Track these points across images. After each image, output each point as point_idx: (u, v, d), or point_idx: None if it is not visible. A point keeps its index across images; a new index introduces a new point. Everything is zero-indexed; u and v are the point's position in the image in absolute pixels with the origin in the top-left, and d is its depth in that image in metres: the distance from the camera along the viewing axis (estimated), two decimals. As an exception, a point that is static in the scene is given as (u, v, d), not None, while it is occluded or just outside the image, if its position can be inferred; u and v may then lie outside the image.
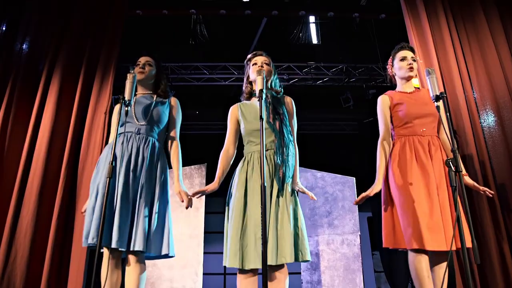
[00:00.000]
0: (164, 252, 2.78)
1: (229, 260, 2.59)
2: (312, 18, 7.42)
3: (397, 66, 3.20)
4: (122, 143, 2.89)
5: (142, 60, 3.21)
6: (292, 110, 3.01)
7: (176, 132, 3.18)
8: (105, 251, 2.70)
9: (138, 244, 2.64)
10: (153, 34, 6.99)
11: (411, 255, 2.77)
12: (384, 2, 5.68)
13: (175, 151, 3.11)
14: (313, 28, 7.58)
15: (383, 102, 3.19)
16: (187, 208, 2.95)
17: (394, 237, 2.91)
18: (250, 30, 6.87)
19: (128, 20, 5.13)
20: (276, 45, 7.43)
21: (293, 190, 2.76)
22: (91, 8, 4.37)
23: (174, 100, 3.25)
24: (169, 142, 3.14)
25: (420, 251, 2.72)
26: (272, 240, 2.52)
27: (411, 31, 4.11)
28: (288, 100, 3.03)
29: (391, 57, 3.28)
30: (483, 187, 3.02)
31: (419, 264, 2.72)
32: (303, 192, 2.85)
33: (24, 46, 4.14)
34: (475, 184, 3.03)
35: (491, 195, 3.03)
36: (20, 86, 3.98)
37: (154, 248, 2.75)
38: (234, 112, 3.03)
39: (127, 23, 4.65)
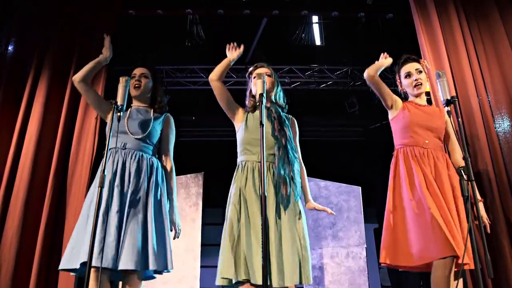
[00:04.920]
0: (169, 267, 2.79)
1: (221, 272, 2.57)
2: (315, 18, 7.41)
3: (404, 84, 3.27)
4: (108, 159, 2.87)
5: (137, 72, 3.20)
6: (296, 131, 3.10)
7: (169, 154, 3.18)
8: (92, 273, 2.63)
9: (124, 262, 2.60)
10: (147, 35, 6.97)
11: (441, 265, 2.66)
12: (392, 1, 5.67)
13: (170, 177, 3.11)
14: (316, 28, 7.56)
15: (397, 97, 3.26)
16: (173, 239, 2.97)
17: (395, 252, 2.88)
18: (250, 31, 6.84)
19: (121, 20, 5.12)
20: (277, 46, 7.40)
21: (300, 209, 2.78)
22: (81, 7, 4.37)
23: (168, 118, 3.25)
24: (162, 164, 3.14)
25: (448, 259, 2.65)
26: (275, 260, 2.52)
27: (420, 31, 4.09)
28: (292, 120, 3.11)
29: (396, 74, 3.33)
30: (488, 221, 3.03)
31: (449, 276, 2.64)
32: (320, 210, 2.95)
33: (9, 48, 4.12)
34: (485, 216, 3.02)
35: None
36: (5, 88, 3.95)
37: (159, 264, 2.74)
38: (241, 110, 3.07)
39: (119, 23, 4.63)
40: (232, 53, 2.99)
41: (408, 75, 3.19)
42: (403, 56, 3.29)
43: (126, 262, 2.60)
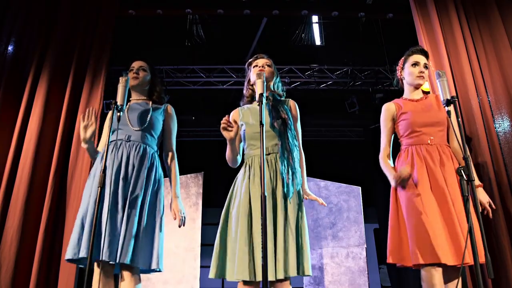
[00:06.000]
0: (153, 266, 2.75)
1: (237, 272, 2.53)
2: (315, 18, 7.43)
3: (408, 71, 3.17)
4: (112, 151, 2.90)
5: (135, 65, 3.22)
6: (296, 114, 3.03)
7: (172, 143, 3.20)
8: (95, 266, 2.67)
9: (124, 257, 2.62)
10: (147, 35, 6.99)
11: (424, 270, 2.72)
12: (392, 1, 5.67)
13: (172, 165, 3.14)
14: (316, 28, 7.59)
15: (387, 111, 3.21)
16: (179, 227, 3.00)
17: (401, 253, 2.88)
18: (250, 31, 6.86)
19: (121, 20, 5.12)
20: (277, 46, 7.42)
21: (300, 198, 2.75)
22: (81, 7, 4.37)
23: (169, 108, 3.26)
24: (165, 153, 3.16)
25: (434, 266, 2.68)
26: (281, 252, 2.50)
27: (420, 31, 4.09)
28: (292, 103, 3.04)
29: (402, 58, 3.25)
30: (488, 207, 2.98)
31: (433, 279, 2.68)
32: (312, 199, 2.88)
33: (9, 47, 4.12)
34: (486, 200, 2.99)
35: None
36: (5, 88, 3.94)
37: (142, 262, 2.72)
38: (234, 116, 3.03)
39: (119, 23, 4.63)
40: (229, 133, 2.72)
41: (417, 64, 3.13)
42: (418, 46, 3.24)
43: (124, 257, 2.61)
